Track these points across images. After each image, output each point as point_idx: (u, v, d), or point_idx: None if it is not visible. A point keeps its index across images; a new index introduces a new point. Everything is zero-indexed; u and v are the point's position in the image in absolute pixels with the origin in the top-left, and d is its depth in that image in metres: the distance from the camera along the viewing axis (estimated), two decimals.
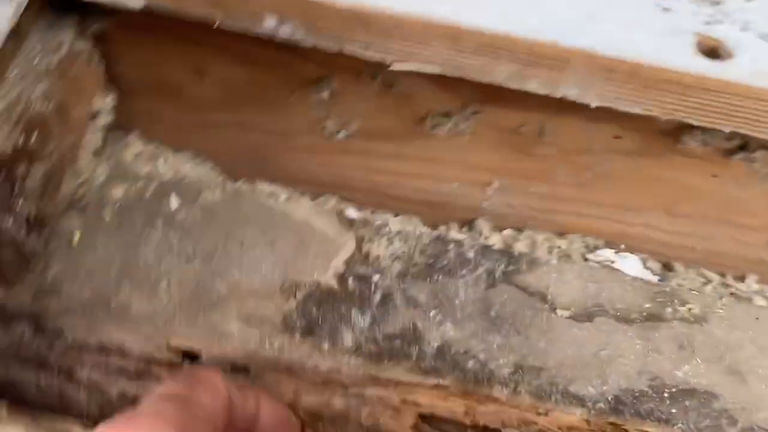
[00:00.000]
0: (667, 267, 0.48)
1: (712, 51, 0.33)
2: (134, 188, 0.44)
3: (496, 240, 0.48)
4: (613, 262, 0.47)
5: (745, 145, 0.38)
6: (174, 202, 0.44)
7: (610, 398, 0.39)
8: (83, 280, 0.41)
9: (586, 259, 0.47)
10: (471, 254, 0.44)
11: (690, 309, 0.43)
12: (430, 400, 0.39)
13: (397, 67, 0.34)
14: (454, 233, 0.48)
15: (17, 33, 0.37)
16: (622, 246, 0.47)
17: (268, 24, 0.34)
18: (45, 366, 0.41)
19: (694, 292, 0.44)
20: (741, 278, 0.47)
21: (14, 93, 0.37)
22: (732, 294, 0.47)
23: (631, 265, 0.48)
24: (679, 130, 0.38)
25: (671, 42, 0.33)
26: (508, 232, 0.48)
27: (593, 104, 0.34)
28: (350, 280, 0.42)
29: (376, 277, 0.42)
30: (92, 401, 0.41)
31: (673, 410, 0.39)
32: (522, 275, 0.43)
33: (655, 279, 0.48)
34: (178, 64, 0.43)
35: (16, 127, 0.36)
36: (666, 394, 0.40)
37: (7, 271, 0.40)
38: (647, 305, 0.43)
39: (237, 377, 0.40)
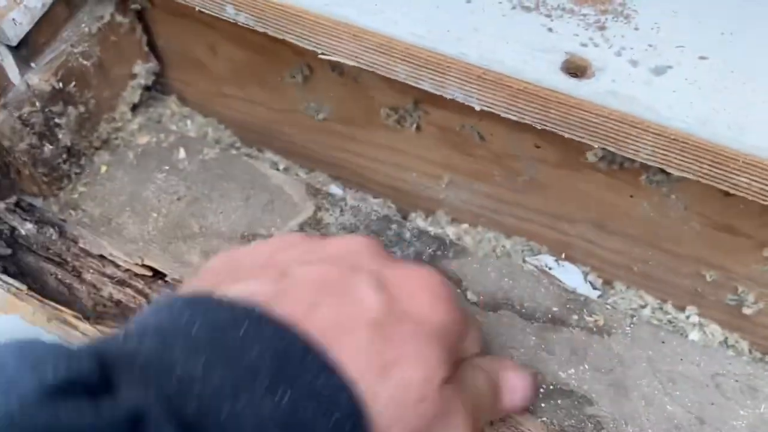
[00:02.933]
0: (608, 283, 0.50)
1: (578, 70, 0.36)
2: (157, 138, 0.55)
3: (450, 231, 0.52)
4: (551, 268, 0.50)
5: (646, 167, 0.40)
6: (182, 153, 0.54)
7: None
8: (98, 203, 0.52)
9: (524, 261, 0.50)
10: (407, 235, 0.49)
11: (596, 320, 0.45)
12: None
13: (324, 57, 0.41)
14: (420, 221, 0.54)
15: (72, 4, 0.49)
16: (563, 255, 0.50)
17: (229, 11, 0.42)
18: (63, 264, 0.52)
19: (608, 307, 0.46)
20: (682, 308, 0.48)
21: (60, 49, 0.48)
22: (669, 321, 0.48)
23: (570, 275, 0.50)
24: (582, 146, 0.41)
25: (541, 58, 0.36)
26: (464, 226, 0.53)
27: (477, 108, 0.38)
28: None
29: None
30: (89, 299, 0.52)
31: (543, 404, 0.42)
32: (447, 260, 0.48)
33: (594, 294, 0.50)
34: (199, 41, 0.53)
35: (55, 74, 0.48)
36: (542, 390, 0.43)
37: (45, 186, 0.52)
38: (555, 309, 0.45)
39: None
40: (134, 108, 0.55)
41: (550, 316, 0.45)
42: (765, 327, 0.46)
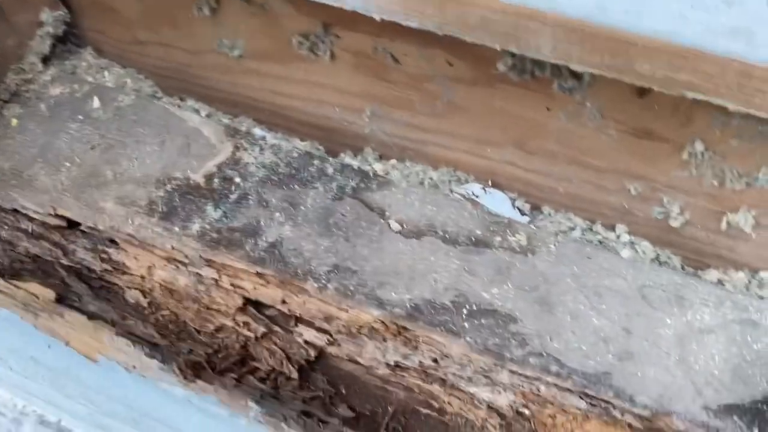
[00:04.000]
0: (536, 208, 0.49)
1: None
2: (70, 89, 0.53)
3: (378, 168, 0.51)
4: (477, 196, 0.49)
5: (557, 73, 0.39)
6: (96, 102, 0.52)
7: (409, 306, 0.42)
8: (8, 156, 0.50)
9: (452, 191, 0.49)
10: (330, 170, 0.47)
11: (519, 240, 0.44)
12: (253, 287, 0.44)
13: None
14: (349, 159, 0.52)
15: None
16: (490, 183, 0.49)
17: None
18: None
19: (532, 227, 0.45)
20: (612, 227, 0.47)
21: None
22: (600, 242, 0.47)
23: (498, 202, 0.49)
24: (491, 56, 0.39)
25: None
26: (391, 162, 0.51)
27: (377, 17, 0.37)
28: (216, 180, 0.48)
29: (238, 180, 0.47)
30: (6, 256, 0.50)
31: (466, 325, 0.41)
32: (370, 192, 0.46)
33: (523, 219, 0.49)
34: None
35: None
36: (465, 311, 0.41)
37: None
38: (478, 232, 0.44)
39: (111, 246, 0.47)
40: (46, 60, 0.53)
41: (473, 239, 0.44)
42: (693, 239, 0.45)
